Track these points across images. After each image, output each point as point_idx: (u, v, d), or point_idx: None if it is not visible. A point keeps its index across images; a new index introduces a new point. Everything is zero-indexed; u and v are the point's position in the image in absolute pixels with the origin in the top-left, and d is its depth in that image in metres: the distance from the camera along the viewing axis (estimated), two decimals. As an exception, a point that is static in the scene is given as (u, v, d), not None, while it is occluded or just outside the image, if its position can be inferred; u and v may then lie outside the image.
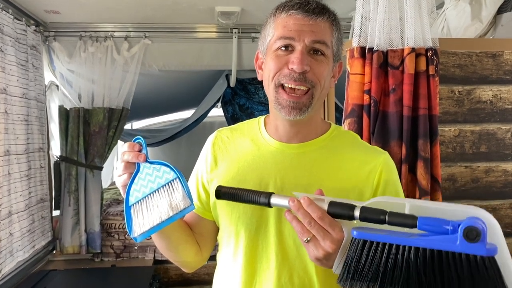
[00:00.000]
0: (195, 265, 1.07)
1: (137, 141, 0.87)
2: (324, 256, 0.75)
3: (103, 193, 2.92)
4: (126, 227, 0.85)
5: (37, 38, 2.54)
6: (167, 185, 0.83)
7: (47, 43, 2.73)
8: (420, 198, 1.53)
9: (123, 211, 3.60)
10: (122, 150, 0.88)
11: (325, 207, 0.75)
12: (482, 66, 1.74)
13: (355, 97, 1.60)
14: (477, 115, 1.75)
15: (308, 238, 0.76)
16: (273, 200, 0.81)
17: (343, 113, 1.66)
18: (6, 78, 2.11)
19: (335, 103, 2.16)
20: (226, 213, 0.96)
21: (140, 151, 0.85)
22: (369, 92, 1.57)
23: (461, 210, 0.64)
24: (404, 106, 1.55)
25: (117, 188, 5.18)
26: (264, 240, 0.93)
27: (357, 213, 0.72)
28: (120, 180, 0.87)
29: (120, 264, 2.79)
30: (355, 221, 0.73)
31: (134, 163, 0.85)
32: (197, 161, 1.07)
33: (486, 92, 1.75)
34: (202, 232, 1.05)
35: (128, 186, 0.85)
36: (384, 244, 0.66)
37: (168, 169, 0.83)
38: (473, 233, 0.57)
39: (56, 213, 2.81)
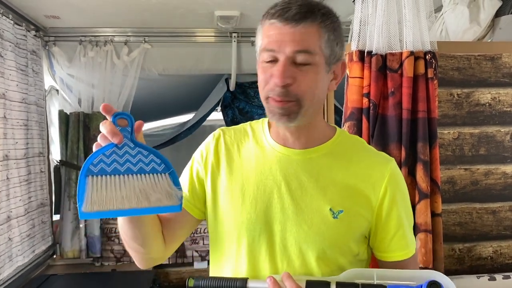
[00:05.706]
0: (154, 262, 1.01)
1: (123, 116, 0.74)
2: None
3: (103, 197, 2.92)
4: (77, 198, 0.71)
5: (37, 43, 2.55)
6: (151, 175, 0.75)
7: (47, 48, 2.74)
8: (420, 201, 1.53)
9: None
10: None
11: (303, 286, 0.79)
12: (481, 69, 1.75)
13: (354, 101, 1.61)
14: (476, 118, 1.75)
15: None
16: (250, 284, 0.82)
17: (343, 116, 1.67)
18: (6, 83, 2.11)
19: (335, 106, 2.17)
20: (231, 218, 0.93)
21: (125, 126, 0.74)
22: (368, 95, 1.58)
23: (420, 275, 0.77)
24: (403, 109, 1.55)
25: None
26: (268, 248, 0.91)
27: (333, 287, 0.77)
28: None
29: (121, 269, 2.78)
30: None
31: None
32: (196, 153, 1.03)
33: (484, 95, 1.75)
34: (178, 228, 0.99)
35: (95, 153, 0.73)
36: None
37: (158, 161, 0.76)
38: (435, 287, 0.71)
39: (56, 217, 2.81)
